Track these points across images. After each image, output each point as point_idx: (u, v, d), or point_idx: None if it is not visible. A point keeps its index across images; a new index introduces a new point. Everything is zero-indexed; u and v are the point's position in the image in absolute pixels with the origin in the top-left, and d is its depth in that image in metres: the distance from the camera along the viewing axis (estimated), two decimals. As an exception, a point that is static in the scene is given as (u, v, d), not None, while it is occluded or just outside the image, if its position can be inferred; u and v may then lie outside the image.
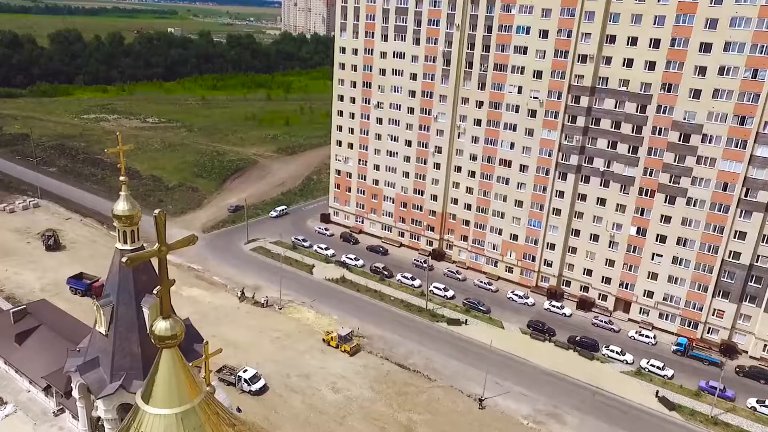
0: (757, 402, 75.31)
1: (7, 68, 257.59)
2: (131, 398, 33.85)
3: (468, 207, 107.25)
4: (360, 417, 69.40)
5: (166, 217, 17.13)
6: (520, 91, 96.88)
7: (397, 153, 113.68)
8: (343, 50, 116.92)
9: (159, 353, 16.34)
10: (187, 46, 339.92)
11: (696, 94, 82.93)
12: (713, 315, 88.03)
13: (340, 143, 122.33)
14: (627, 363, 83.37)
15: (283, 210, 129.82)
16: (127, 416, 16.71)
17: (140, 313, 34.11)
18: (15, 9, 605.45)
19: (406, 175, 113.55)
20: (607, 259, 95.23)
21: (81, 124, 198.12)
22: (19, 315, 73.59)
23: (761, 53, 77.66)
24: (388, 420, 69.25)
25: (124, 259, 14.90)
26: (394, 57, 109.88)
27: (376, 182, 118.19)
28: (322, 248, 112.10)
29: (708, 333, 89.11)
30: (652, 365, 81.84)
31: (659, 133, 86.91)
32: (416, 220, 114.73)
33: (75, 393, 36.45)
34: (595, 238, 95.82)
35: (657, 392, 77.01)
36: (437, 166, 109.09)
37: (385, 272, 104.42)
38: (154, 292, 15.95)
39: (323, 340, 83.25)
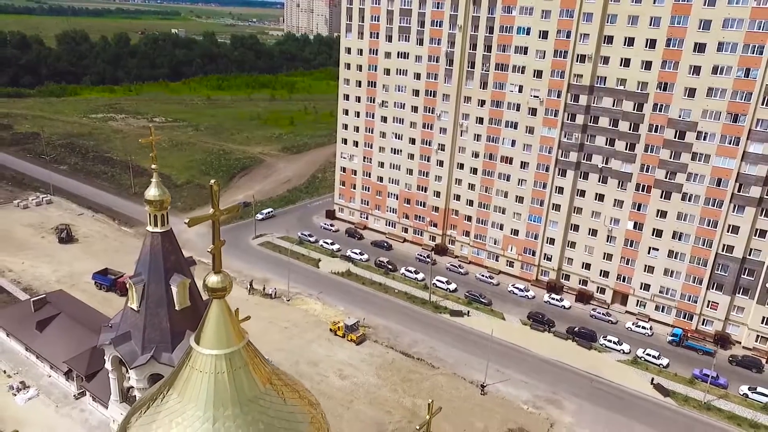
0: (749, 389, 78.15)
1: (16, 68, 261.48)
2: (161, 369, 37.02)
3: (470, 203, 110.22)
4: (366, 402, 72.36)
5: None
6: (520, 90, 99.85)
7: (401, 151, 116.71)
8: (349, 50, 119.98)
9: (210, 303, 19.33)
10: (191, 47, 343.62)
11: (691, 92, 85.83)
12: (708, 307, 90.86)
13: (345, 141, 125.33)
14: (624, 352, 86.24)
15: (269, 212, 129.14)
16: (181, 356, 19.62)
17: (169, 291, 37.08)
18: (19, 10, 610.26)
19: (410, 172, 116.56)
20: (605, 253, 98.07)
21: (89, 124, 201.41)
22: (39, 304, 76.75)
23: (753, 53, 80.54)
24: (393, 405, 72.24)
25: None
26: (398, 57, 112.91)
27: (381, 179, 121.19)
28: (327, 243, 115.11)
29: (703, 324, 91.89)
30: (648, 354, 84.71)
31: (655, 131, 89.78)
32: (419, 216, 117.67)
33: (108, 365, 39.34)
34: (593, 232, 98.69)
35: (652, 380, 79.92)
36: (440, 163, 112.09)
37: (389, 266, 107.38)
38: (208, 250, 18.84)
39: (330, 329, 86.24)
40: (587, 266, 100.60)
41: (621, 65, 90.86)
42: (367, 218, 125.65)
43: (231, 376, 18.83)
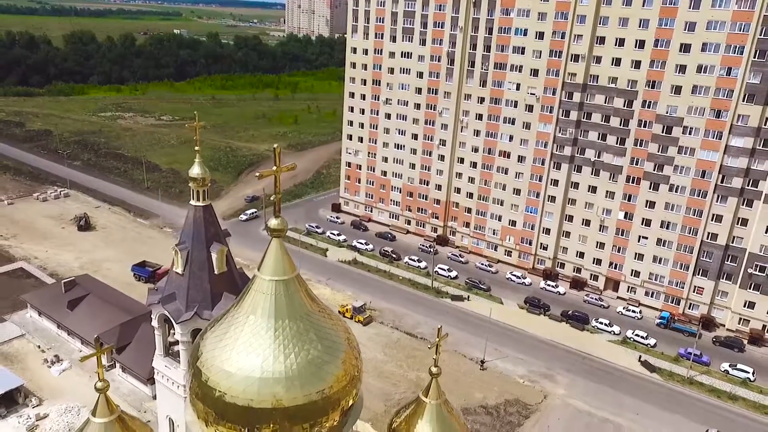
0: (730, 366, 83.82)
1: (25, 68, 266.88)
2: (203, 324, 42.59)
3: (470, 195, 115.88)
4: (374, 375, 77.85)
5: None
6: (518, 87, 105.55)
7: (404, 146, 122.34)
8: (354, 50, 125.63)
9: (270, 241, 24.93)
10: (196, 47, 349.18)
11: (677, 90, 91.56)
12: (694, 292, 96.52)
13: (350, 137, 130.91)
14: (614, 334, 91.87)
15: (253, 213, 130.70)
16: (247, 284, 25.14)
17: (209, 257, 42.63)
18: (22, 10, 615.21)
19: (413, 166, 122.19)
20: (597, 242, 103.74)
21: (99, 122, 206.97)
22: (69, 285, 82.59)
23: (734, 53, 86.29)
24: (398, 378, 77.84)
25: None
26: (401, 56, 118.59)
27: (385, 173, 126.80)
28: (334, 234, 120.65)
29: (689, 308, 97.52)
30: (636, 335, 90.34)
31: (644, 126, 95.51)
32: (422, 209, 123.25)
33: (154, 322, 44.76)
34: (586, 222, 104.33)
35: (640, 357, 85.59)
36: (441, 157, 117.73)
37: (394, 255, 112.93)
38: (271, 198, 24.36)
39: (339, 311, 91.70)
40: (581, 254, 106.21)
41: (612, 64, 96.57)
42: (371, 211, 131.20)
43: (287, 297, 24.40)
